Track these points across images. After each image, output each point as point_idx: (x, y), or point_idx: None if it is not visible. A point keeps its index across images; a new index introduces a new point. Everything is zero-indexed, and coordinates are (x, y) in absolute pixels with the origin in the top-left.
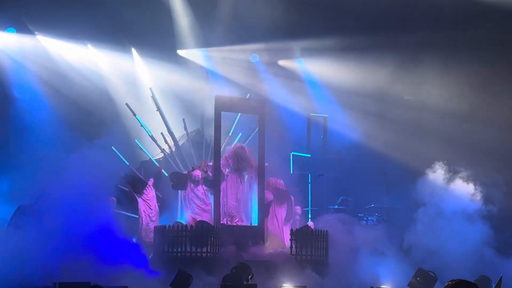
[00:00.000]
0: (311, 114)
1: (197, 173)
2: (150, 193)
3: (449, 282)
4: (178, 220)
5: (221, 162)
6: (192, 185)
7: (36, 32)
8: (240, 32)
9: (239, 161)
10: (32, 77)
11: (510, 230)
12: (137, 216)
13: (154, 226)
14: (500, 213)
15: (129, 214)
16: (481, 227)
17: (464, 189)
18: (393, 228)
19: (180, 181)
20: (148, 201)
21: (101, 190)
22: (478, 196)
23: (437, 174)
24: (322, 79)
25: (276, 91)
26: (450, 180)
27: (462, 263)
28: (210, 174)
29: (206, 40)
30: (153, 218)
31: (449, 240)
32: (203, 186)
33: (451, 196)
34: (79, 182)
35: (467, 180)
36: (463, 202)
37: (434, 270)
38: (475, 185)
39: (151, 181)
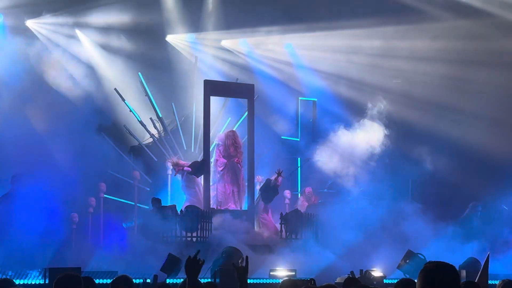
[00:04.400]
0: (300, 98)
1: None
2: None
3: (427, 265)
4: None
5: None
6: None
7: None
8: (228, 16)
9: (230, 146)
10: (12, 61)
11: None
12: (130, 203)
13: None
14: None
15: (120, 200)
16: None
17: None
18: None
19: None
20: None
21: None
22: None
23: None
24: (310, 63)
25: (264, 75)
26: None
27: None
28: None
29: (194, 25)
30: None
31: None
32: None
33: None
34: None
35: None
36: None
37: None
38: None
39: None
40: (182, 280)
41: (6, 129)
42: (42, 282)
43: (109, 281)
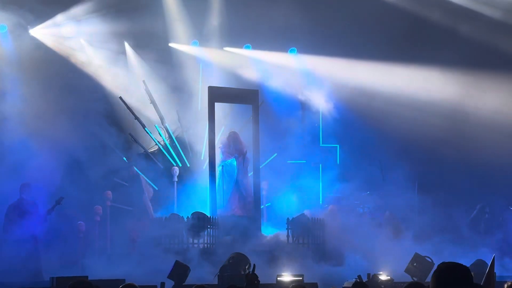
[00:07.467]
0: (305, 104)
1: None
2: None
3: (440, 265)
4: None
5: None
6: None
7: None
8: (232, 23)
9: (231, 147)
10: (16, 69)
11: None
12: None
13: (150, 219)
14: None
15: (126, 207)
16: None
17: None
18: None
19: None
20: None
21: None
22: None
23: None
24: (314, 69)
25: (269, 81)
26: None
27: None
28: None
29: (198, 32)
30: None
31: None
32: None
33: None
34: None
35: None
36: None
37: None
38: None
39: None
40: None
41: (14, 136)
42: None
43: None
